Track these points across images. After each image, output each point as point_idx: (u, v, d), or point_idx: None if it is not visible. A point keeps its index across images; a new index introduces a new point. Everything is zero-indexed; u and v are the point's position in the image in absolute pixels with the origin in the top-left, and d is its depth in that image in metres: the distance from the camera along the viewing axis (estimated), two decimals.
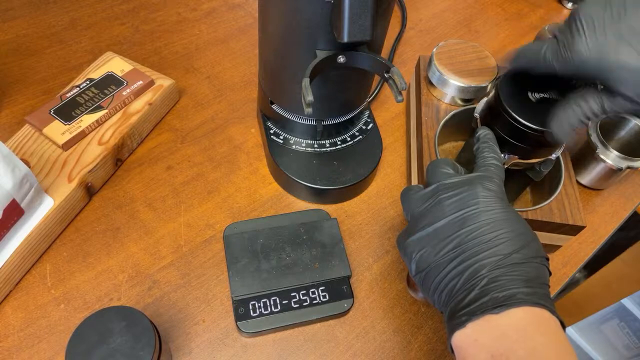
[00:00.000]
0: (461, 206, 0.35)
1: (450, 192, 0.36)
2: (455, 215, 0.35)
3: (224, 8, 0.76)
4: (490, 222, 0.34)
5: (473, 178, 0.37)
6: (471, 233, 0.34)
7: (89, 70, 0.60)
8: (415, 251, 0.36)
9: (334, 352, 0.47)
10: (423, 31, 0.79)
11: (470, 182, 0.36)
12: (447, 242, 0.35)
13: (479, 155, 0.41)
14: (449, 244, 0.34)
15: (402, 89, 0.41)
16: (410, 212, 0.39)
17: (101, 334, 0.35)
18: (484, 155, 0.40)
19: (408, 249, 0.37)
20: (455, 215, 0.35)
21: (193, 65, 0.68)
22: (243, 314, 0.46)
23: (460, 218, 0.35)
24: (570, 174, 0.53)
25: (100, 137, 0.54)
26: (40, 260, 0.49)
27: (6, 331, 0.45)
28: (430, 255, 0.35)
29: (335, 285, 0.48)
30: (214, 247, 0.52)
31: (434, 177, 0.39)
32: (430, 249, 0.35)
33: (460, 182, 0.37)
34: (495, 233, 0.33)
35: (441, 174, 0.39)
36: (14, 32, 0.68)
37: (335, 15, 0.38)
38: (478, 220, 0.34)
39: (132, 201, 0.54)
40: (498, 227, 0.34)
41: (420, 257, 0.36)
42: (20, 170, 0.43)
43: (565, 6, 0.88)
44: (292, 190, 0.56)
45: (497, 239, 0.33)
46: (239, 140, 0.61)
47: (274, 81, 0.52)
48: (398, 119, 0.66)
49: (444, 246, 0.35)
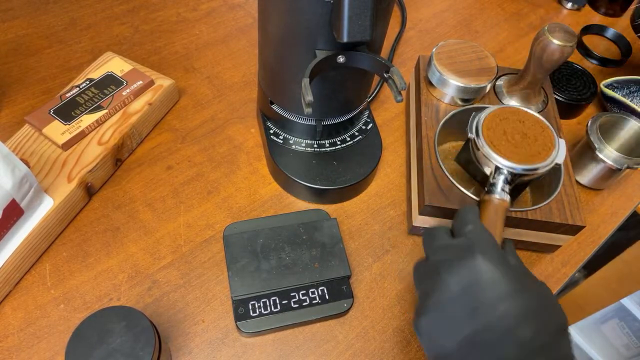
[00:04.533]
0: (467, 288, 0.33)
1: (453, 270, 0.34)
2: (464, 301, 0.33)
3: (224, 8, 0.76)
4: (503, 305, 0.32)
5: (470, 246, 0.35)
6: (485, 322, 0.32)
7: (89, 70, 0.60)
8: (429, 334, 0.34)
9: (334, 352, 0.47)
10: (423, 31, 0.79)
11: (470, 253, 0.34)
12: (461, 328, 0.32)
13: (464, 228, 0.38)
14: (464, 330, 0.32)
15: (402, 89, 0.41)
16: (417, 287, 0.37)
17: (101, 334, 0.35)
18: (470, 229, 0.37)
19: (422, 330, 0.35)
20: (464, 301, 0.33)
21: (193, 65, 0.68)
22: (243, 314, 0.46)
23: (470, 305, 0.32)
24: (569, 174, 0.53)
25: (100, 137, 0.54)
26: (40, 260, 0.49)
27: (6, 331, 0.45)
28: (447, 342, 0.33)
29: (335, 285, 0.48)
30: (213, 247, 0.52)
31: (429, 244, 0.38)
32: (444, 334, 0.33)
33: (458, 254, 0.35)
34: (510, 321, 0.31)
35: (437, 242, 0.37)
36: (14, 32, 0.68)
37: (335, 15, 0.38)
38: (488, 304, 0.32)
39: (131, 201, 0.54)
40: (512, 311, 0.31)
41: (436, 343, 0.34)
42: (20, 170, 0.43)
43: (565, 6, 0.88)
44: (291, 190, 0.56)
45: (515, 327, 0.31)
46: (238, 140, 0.61)
47: (274, 81, 0.52)
48: (398, 119, 0.66)
49: (459, 332, 0.32)
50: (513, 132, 0.47)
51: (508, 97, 0.59)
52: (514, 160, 0.45)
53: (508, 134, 0.47)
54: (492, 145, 0.46)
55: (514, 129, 0.47)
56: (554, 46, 0.51)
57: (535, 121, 0.48)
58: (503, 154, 0.45)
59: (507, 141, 0.46)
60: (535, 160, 0.45)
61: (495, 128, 0.47)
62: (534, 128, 0.47)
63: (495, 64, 0.58)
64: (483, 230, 0.37)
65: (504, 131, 0.47)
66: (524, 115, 0.49)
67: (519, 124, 0.48)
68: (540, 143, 0.46)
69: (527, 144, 0.46)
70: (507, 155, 0.45)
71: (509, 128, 0.47)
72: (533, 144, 0.46)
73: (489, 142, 0.46)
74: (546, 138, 0.47)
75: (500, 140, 0.46)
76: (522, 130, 0.47)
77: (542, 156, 0.45)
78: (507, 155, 0.45)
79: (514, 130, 0.47)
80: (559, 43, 0.51)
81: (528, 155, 0.45)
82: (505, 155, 0.45)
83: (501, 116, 0.48)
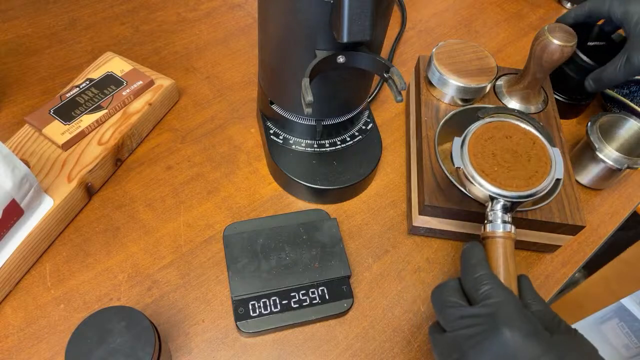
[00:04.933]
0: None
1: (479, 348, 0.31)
2: None
3: (224, 8, 0.76)
4: None
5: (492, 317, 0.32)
6: None
7: (89, 70, 0.60)
8: None
9: (334, 352, 0.47)
10: (423, 31, 0.79)
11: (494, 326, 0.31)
12: None
13: (479, 290, 0.34)
14: None
15: (402, 89, 0.41)
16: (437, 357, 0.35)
17: (101, 334, 0.35)
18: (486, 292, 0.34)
19: None
20: None
21: (193, 65, 0.68)
22: (243, 314, 0.46)
23: None
24: (570, 174, 0.53)
25: (100, 137, 0.54)
26: (40, 260, 0.49)
27: (6, 331, 0.45)
28: None
29: (335, 285, 0.48)
30: (213, 247, 0.52)
31: (443, 312, 0.35)
32: None
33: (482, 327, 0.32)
34: None
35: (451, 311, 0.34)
36: (14, 32, 0.68)
37: (335, 15, 0.38)
38: None
39: (132, 201, 0.54)
40: None
41: None
42: (20, 170, 0.43)
43: (565, 6, 0.88)
44: (291, 190, 0.56)
45: None
46: (238, 140, 0.61)
47: (274, 81, 0.52)
48: (398, 119, 0.66)
49: None
50: (502, 152, 0.43)
51: (508, 97, 0.59)
52: (512, 188, 0.41)
53: (497, 156, 0.42)
54: (484, 174, 0.41)
55: (502, 149, 0.43)
56: (554, 46, 0.51)
57: (522, 133, 0.44)
58: (498, 182, 0.41)
59: (499, 165, 0.42)
60: (535, 183, 0.41)
61: (483, 152, 0.43)
62: (523, 142, 0.44)
63: (495, 64, 0.58)
64: (500, 290, 0.33)
65: (493, 154, 0.43)
66: (509, 128, 0.44)
67: (506, 141, 0.43)
68: (534, 160, 0.42)
69: (521, 165, 0.42)
70: (503, 183, 0.41)
71: (497, 149, 0.43)
72: (527, 163, 0.42)
73: (480, 171, 0.42)
74: (539, 152, 0.43)
75: (492, 165, 0.42)
76: (512, 148, 0.43)
77: (540, 175, 0.42)
78: (502, 183, 0.41)
79: (502, 149, 0.43)
80: (559, 43, 0.51)
81: (525, 177, 0.41)
82: (500, 184, 0.41)
83: (485, 136, 0.44)
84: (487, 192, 0.41)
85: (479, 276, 0.34)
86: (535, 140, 0.44)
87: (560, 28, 0.52)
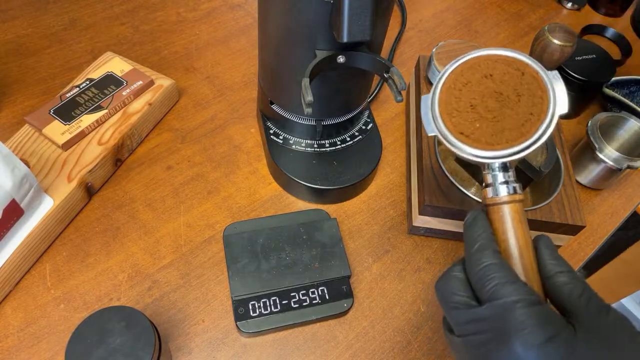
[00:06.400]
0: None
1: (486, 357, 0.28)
2: None
3: (224, 8, 0.76)
4: None
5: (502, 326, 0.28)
6: None
7: (89, 70, 0.60)
8: None
9: (334, 352, 0.47)
10: (423, 31, 0.79)
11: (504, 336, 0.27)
12: None
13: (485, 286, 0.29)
14: None
15: (402, 89, 0.41)
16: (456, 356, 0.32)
17: (101, 334, 0.35)
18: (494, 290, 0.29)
19: None
20: None
21: (193, 65, 0.68)
22: (243, 314, 0.46)
23: None
24: (570, 174, 0.53)
25: (100, 137, 0.54)
26: (40, 260, 0.49)
27: (6, 331, 0.45)
28: None
29: (335, 285, 0.48)
30: (213, 247, 0.52)
31: (449, 313, 0.31)
32: None
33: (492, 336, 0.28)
34: None
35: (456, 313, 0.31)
36: (14, 32, 0.67)
37: (335, 15, 0.38)
38: None
39: (131, 201, 0.54)
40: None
41: None
42: (20, 170, 0.43)
43: (565, 6, 0.88)
44: (291, 190, 0.56)
45: None
46: (238, 140, 0.61)
47: (274, 81, 0.52)
48: (398, 119, 0.66)
49: None
50: (483, 99, 0.33)
51: None
52: (502, 145, 0.32)
53: (478, 106, 0.33)
54: (464, 136, 0.33)
55: (483, 94, 0.33)
56: (554, 46, 0.51)
57: (506, 64, 0.33)
58: (483, 143, 0.32)
59: (482, 118, 0.33)
60: (531, 129, 0.31)
61: (459, 107, 0.33)
62: (509, 77, 0.33)
63: None
64: (509, 286, 0.28)
65: (471, 105, 0.33)
66: (488, 63, 0.34)
67: (487, 83, 0.33)
68: (526, 97, 0.32)
69: (509, 109, 0.32)
70: (489, 141, 0.32)
71: (476, 96, 0.33)
72: (517, 105, 0.32)
73: (458, 133, 0.33)
74: (532, 83, 0.32)
75: (472, 122, 0.33)
76: (495, 90, 0.33)
77: (535, 117, 0.32)
78: (488, 142, 0.32)
79: (483, 95, 0.33)
80: (559, 43, 0.51)
81: (517, 125, 0.32)
82: (486, 143, 0.32)
83: (459, 83, 0.34)
84: (471, 157, 0.32)
85: (484, 267, 0.30)
86: (525, 68, 0.33)
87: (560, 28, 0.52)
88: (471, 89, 0.33)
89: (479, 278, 0.30)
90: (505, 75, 0.33)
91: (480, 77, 0.33)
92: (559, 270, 0.31)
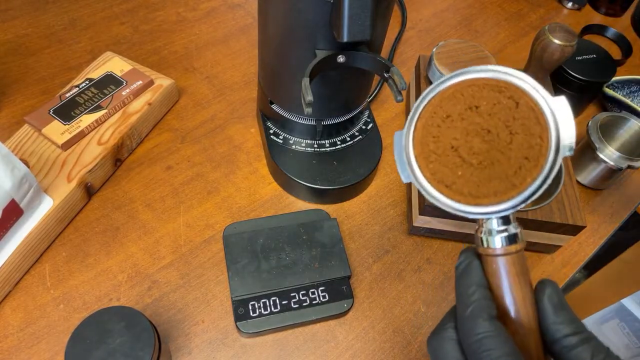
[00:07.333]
0: None
1: None
2: None
3: (224, 8, 0.76)
4: None
5: None
6: None
7: (89, 70, 0.60)
8: None
9: (334, 352, 0.47)
10: (423, 31, 0.79)
11: None
12: None
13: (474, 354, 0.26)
14: None
15: (402, 89, 0.41)
16: None
17: (100, 334, 0.35)
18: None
19: None
20: None
21: (193, 65, 0.68)
22: (243, 314, 0.46)
23: None
24: (570, 173, 0.53)
25: (100, 137, 0.54)
26: (40, 261, 0.49)
27: (5, 331, 0.44)
28: None
29: (335, 285, 0.48)
30: (213, 247, 0.52)
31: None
32: None
33: None
34: None
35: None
36: (13, 32, 0.67)
37: (335, 15, 0.38)
38: None
39: (131, 201, 0.54)
40: None
41: None
42: (20, 170, 0.43)
43: (565, 6, 0.88)
44: (291, 190, 0.56)
45: None
46: (238, 140, 0.61)
47: (274, 81, 0.52)
48: (398, 119, 0.66)
49: None
50: (468, 137, 0.27)
51: None
52: (489, 199, 0.26)
53: (460, 148, 0.27)
54: (444, 186, 0.27)
55: (466, 133, 0.27)
56: (555, 46, 0.51)
57: (496, 91, 0.26)
58: (466, 196, 0.26)
59: (465, 165, 0.27)
60: (524, 181, 0.25)
61: (437, 149, 0.27)
62: (498, 110, 0.26)
63: (496, 64, 0.58)
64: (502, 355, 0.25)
65: (452, 147, 0.27)
66: (473, 89, 0.27)
67: (471, 117, 0.27)
68: (520, 137, 0.26)
69: (499, 153, 0.26)
70: (474, 194, 0.26)
71: (458, 134, 0.27)
72: (508, 148, 0.26)
73: (436, 182, 0.27)
74: (527, 117, 0.26)
75: (454, 169, 0.27)
76: (481, 126, 0.27)
77: (531, 163, 0.25)
78: (473, 195, 0.26)
79: (467, 134, 0.27)
80: (559, 43, 0.51)
81: (508, 174, 0.26)
82: (469, 195, 0.26)
83: (438, 118, 0.28)
84: (455, 213, 0.27)
85: (478, 340, 0.26)
86: (520, 97, 0.26)
87: (560, 28, 0.52)
88: (452, 124, 0.27)
89: (473, 351, 0.27)
90: (495, 107, 0.26)
91: (463, 110, 0.27)
92: (566, 334, 0.27)
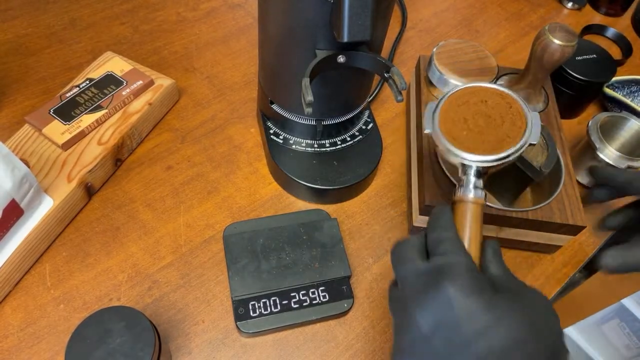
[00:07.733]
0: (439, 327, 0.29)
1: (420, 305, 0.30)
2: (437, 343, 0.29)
3: (224, 8, 0.76)
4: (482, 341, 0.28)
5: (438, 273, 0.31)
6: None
7: (89, 70, 0.60)
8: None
9: (334, 352, 0.47)
10: (423, 31, 0.79)
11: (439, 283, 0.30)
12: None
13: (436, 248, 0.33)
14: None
15: (402, 89, 0.41)
16: (393, 318, 0.34)
17: (101, 334, 0.35)
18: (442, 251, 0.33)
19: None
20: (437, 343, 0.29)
21: (193, 65, 0.68)
22: (243, 314, 0.46)
23: (444, 346, 0.29)
24: (570, 173, 0.53)
25: (100, 137, 0.54)
26: (40, 261, 0.49)
27: (6, 331, 0.44)
28: None
29: (335, 285, 0.48)
30: (213, 247, 0.52)
31: (396, 268, 0.34)
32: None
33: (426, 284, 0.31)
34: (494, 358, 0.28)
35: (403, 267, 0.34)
36: (13, 32, 0.67)
37: (335, 15, 0.38)
38: (464, 343, 0.28)
39: (131, 201, 0.54)
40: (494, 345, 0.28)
41: None
42: (20, 170, 0.43)
43: (566, 6, 0.88)
44: (292, 190, 0.56)
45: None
46: (238, 140, 0.61)
47: (274, 81, 0.52)
48: (398, 119, 0.66)
49: None
50: (475, 116, 0.41)
51: None
52: (479, 152, 0.39)
53: (469, 120, 0.41)
54: (451, 137, 0.40)
55: (475, 113, 0.41)
56: (555, 46, 0.51)
57: (500, 97, 0.41)
58: (465, 146, 0.39)
59: (469, 130, 0.40)
60: (504, 147, 0.39)
61: (454, 118, 0.41)
62: (499, 106, 0.41)
63: (496, 63, 0.58)
64: (456, 251, 0.32)
65: (464, 119, 0.41)
66: (486, 93, 0.42)
67: (481, 106, 0.41)
68: (508, 124, 0.40)
69: (492, 128, 0.40)
70: (470, 146, 0.39)
71: (469, 113, 0.41)
72: (499, 127, 0.40)
73: (447, 135, 0.40)
74: (515, 116, 0.40)
75: (461, 130, 0.40)
76: (485, 112, 0.41)
77: (511, 140, 0.39)
78: (469, 147, 0.39)
79: (475, 114, 0.41)
80: (559, 43, 0.51)
81: (495, 142, 0.39)
82: (467, 147, 0.39)
83: (460, 101, 0.42)
84: (453, 156, 0.39)
85: (440, 236, 0.34)
86: (513, 104, 0.41)
87: (560, 28, 0.52)
88: (468, 107, 0.41)
89: (435, 243, 0.33)
90: (497, 104, 0.41)
91: (477, 101, 0.42)
92: (496, 266, 0.35)
